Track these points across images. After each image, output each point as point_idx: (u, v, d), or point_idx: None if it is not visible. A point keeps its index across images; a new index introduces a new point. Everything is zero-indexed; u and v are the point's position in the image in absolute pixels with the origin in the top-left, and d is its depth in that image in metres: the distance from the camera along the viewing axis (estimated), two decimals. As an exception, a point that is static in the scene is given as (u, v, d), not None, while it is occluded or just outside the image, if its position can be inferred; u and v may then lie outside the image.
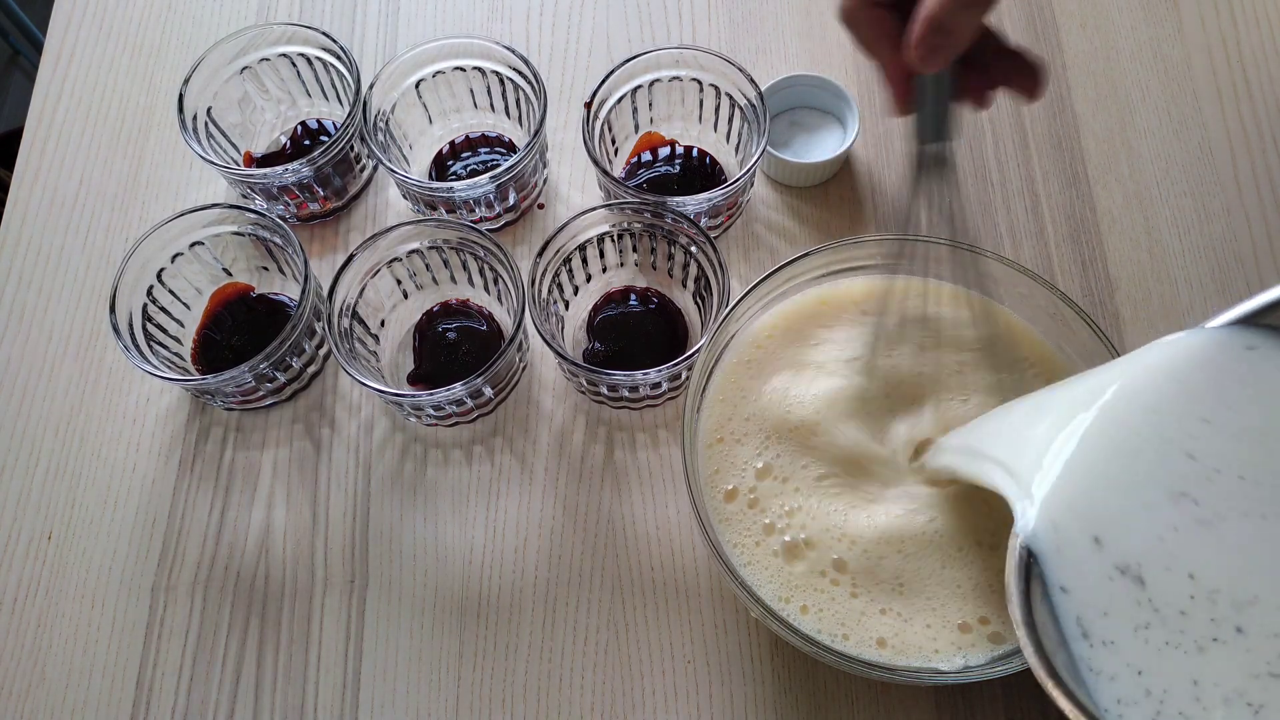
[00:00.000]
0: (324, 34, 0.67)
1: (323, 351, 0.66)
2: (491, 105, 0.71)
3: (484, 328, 0.66)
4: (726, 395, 0.54)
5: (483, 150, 0.72)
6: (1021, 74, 0.45)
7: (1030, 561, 0.35)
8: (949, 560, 0.49)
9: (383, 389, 0.56)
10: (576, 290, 0.65)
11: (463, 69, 0.68)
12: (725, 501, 0.52)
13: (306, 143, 0.72)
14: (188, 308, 0.65)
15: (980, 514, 0.49)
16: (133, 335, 0.60)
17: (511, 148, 0.72)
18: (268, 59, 0.69)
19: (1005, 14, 0.76)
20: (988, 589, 0.48)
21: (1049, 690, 0.33)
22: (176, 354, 0.64)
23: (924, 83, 0.45)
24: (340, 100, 0.71)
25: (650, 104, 0.68)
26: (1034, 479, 0.37)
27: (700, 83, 0.67)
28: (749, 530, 0.51)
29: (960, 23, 0.41)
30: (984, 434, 0.45)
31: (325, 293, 0.59)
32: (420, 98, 0.68)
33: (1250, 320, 0.37)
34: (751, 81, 0.64)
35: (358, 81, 0.65)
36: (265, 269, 0.67)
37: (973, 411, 0.52)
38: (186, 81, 0.65)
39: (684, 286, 0.65)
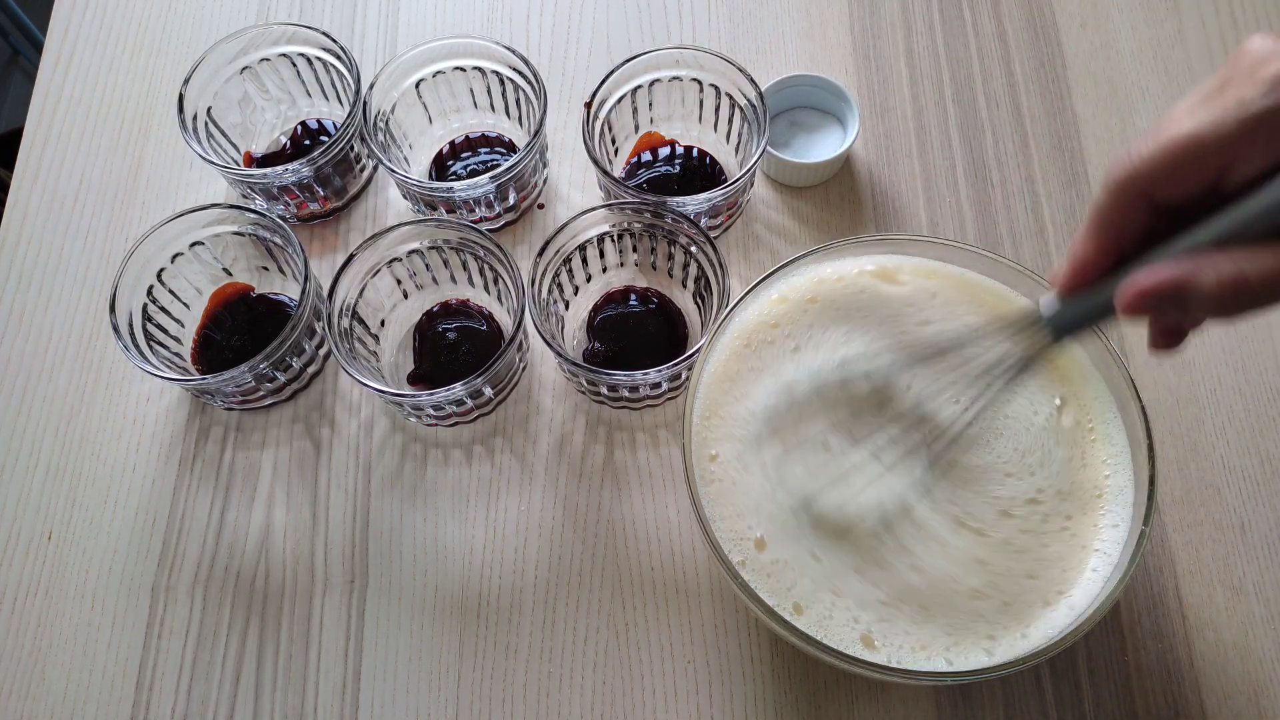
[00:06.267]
0: (324, 34, 0.67)
1: (323, 351, 0.66)
2: (491, 105, 0.71)
3: (484, 328, 0.66)
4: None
5: (483, 150, 0.72)
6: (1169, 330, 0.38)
7: None
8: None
9: (383, 389, 0.56)
10: (576, 290, 0.65)
11: (463, 69, 0.68)
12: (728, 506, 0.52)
13: (306, 143, 0.72)
14: (188, 308, 0.65)
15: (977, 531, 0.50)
16: (133, 335, 0.60)
17: (511, 148, 0.72)
18: (268, 59, 0.69)
19: (1005, 14, 0.76)
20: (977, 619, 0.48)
21: None
22: (176, 354, 0.64)
23: (1104, 294, 0.38)
24: (340, 100, 0.71)
25: (650, 104, 0.68)
26: None
27: (700, 83, 0.67)
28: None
29: (1200, 315, 0.34)
30: None
31: (325, 293, 0.59)
32: (420, 98, 0.68)
33: None
34: (751, 81, 0.64)
35: (358, 81, 0.65)
36: (265, 269, 0.67)
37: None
38: (186, 81, 0.65)
39: (684, 286, 0.65)
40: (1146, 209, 0.36)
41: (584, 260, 0.64)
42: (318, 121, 0.73)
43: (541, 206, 0.71)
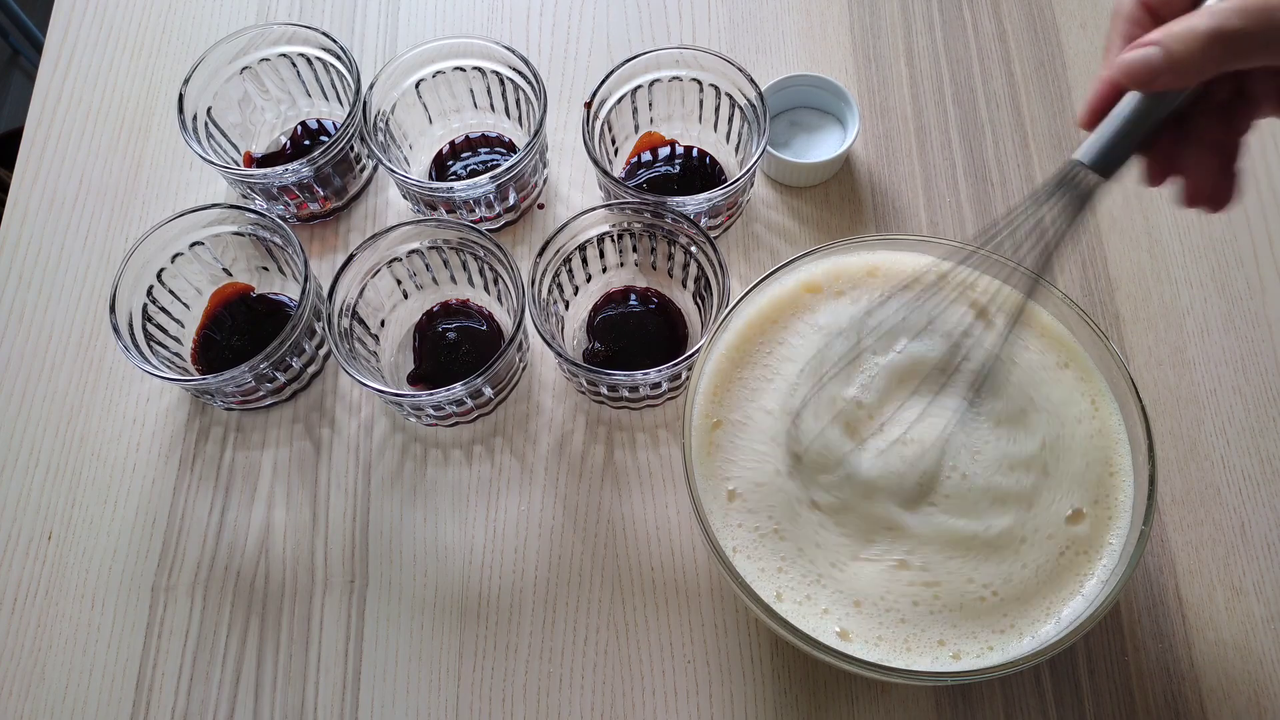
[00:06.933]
0: (324, 34, 0.67)
1: (323, 351, 0.66)
2: (491, 105, 0.71)
3: (484, 328, 0.66)
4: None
5: (483, 150, 0.72)
6: (1206, 176, 0.41)
7: None
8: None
9: (383, 389, 0.56)
10: (576, 290, 0.65)
11: (463, 69, 0.68)
12: (727, 501, 0.52)
13: (306, 143, 0.72)
14: (188, 308, 0.65)
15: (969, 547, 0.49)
16: (133, 335, 0.60)
17: (511, 148, 0.72)
18: (268, 59, 0.69)
19: (1005, 14, 0.76)
20: (969, 619, 0.48)
21: None
22: (176, 354, 0.64)
23: (1123, 110, 0.41)
24: (340, 100, 0.71)
25: (650, 104, 0.68)
26: None
27: (700, 83, 0.67)
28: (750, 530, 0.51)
29: (1185, 62, 0.37)
30: None
31: (325, 293, 0.59)
32: (420, 98, 0.68)
33: None
34: (751, 81, 0.64)
35: (358, 81, 0.66)
36: (265, 269, 0.67)
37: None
38: (186, 81, 0.65)
39: (684, 286, 0.65)
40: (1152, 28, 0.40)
41: (584, 260, 0.64)
42: (318, 121, 0.73)
43: (541, 206, 0.71)
